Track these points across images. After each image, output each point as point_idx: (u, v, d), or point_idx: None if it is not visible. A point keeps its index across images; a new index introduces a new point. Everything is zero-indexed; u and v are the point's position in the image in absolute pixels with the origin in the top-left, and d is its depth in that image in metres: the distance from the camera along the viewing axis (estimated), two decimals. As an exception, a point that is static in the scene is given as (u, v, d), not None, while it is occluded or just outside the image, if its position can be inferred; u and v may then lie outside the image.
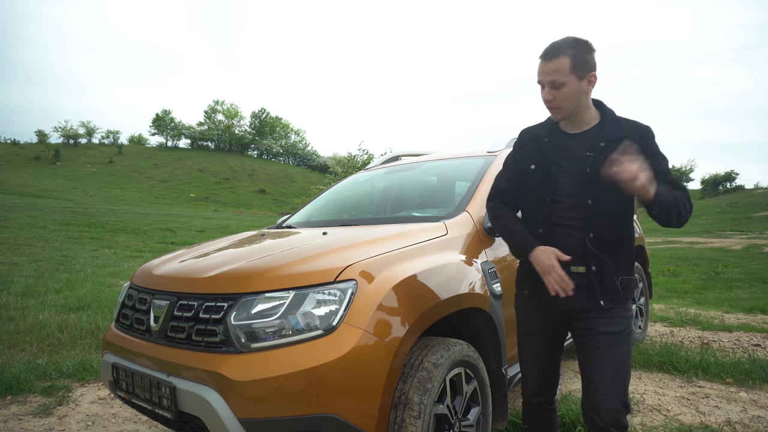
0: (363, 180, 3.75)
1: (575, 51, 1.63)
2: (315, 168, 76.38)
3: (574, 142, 1.75)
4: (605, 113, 1.75)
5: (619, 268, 1.71)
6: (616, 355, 1.68)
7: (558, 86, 1.65)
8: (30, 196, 31.07)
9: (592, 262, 1.69)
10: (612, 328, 1.70)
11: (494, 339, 2.26)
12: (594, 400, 1.68)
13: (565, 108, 1.69)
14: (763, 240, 20.73)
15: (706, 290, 8.49)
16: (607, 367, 1.67)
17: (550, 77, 1.65)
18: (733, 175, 61.76)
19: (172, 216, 24.26)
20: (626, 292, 1.72)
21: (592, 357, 1.71)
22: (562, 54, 1.63)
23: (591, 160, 1.68)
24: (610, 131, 1.69)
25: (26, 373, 3.45)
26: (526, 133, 1.91)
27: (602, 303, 1.69)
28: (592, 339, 1.72)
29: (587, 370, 1.73)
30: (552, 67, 1.64)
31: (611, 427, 1.64)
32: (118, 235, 14.55)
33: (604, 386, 1.66)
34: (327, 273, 1.76)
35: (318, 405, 1.57)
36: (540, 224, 1.79)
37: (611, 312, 1.71)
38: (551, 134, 1.80)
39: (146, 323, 1.97)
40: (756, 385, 3.24)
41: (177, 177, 57.52)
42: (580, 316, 1.75)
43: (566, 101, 1.67)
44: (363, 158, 19.43)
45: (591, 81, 1.67)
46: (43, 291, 6.32)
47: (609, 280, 1.69)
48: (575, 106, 1.69)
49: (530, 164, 1.81)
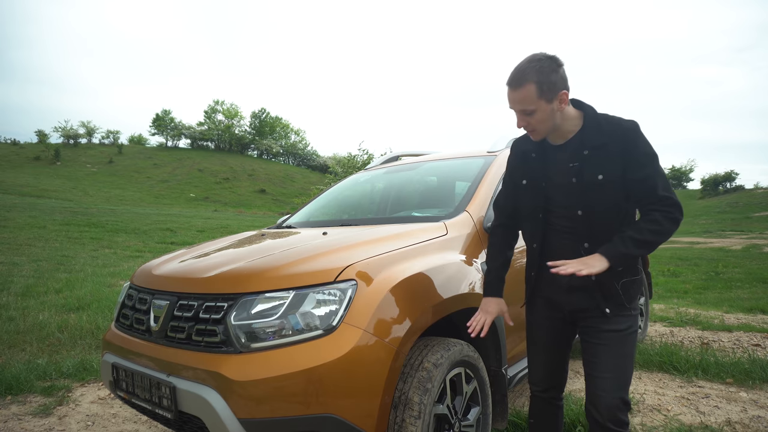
0: (363, 180, 3.75)
1: (539, 76, 1.59)
2: (315, 168, 76.38)
3: (560, 153, 1.75)
4: (587, 116, 1.71)
5: (620, 273, 1.69)
6: (618, 353, 1.69)
7: (529, 113, 1.64)
8: (30, 196, 31.07)
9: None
10: (616, 327, 1.70)
11: (494, 339, 2.26)
12: (594, 396, 1.70)
13: (542, 130, 1.69)
14: (763, 240, 20.73)
15: (706, 290, 8.49)
16: (609, 364, 1.69)
17: (519, 106, 1.65)
18: (733, 175, 61.72)
19: (172, 216, 24.26)
20: (629, 295, 1.72)
21: (595, 354, 1.73)
22: (527, 82, 1.60)
23: (576, 169, 1.68)
24: (593, 137, 1.67)
25: (26, 373, 3.45)
26: (516, 148, 1.92)
27: (608, 311, 1.70)
28: (595, 337, 1.73)
29: (589, 366, 1.75)
30: (519, 96, 1.62)
31: (609, 423, 1.66)
32: (118, 235, 14.55)
33: (604, 382, 1.68)
34: (327, 273, 1.76)
35: (318, 405, 1.57)
36: (537, 236, 1.82)
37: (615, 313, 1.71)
38: (538, 148, 1.81)
39: (146, 323, 1.97)
40: (756, 385, 3.24)
41: (177, 177, 57.52)
42: (584, 314, 1.76)
43: (541, 125, 1.67)
44: (363, 158, 19.42)
45: (563, 99, 1.63)
46: (43, 291, 6.32)
47: (609, 287, 1.69)
48: (551, 126, 1.69)
49: (522, 180, 1.84)
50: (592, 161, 1.65)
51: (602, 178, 1.63)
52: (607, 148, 1.64)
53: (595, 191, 1.65)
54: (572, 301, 1.76)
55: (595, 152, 1.65)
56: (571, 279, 1.72)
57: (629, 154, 1.62)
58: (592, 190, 1.65)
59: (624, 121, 1.67)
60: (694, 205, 51.34)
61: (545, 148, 1.80)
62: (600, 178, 1.63)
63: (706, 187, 62.15)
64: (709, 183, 61.94)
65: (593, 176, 1.64)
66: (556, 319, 1.86)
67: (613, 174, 1.63)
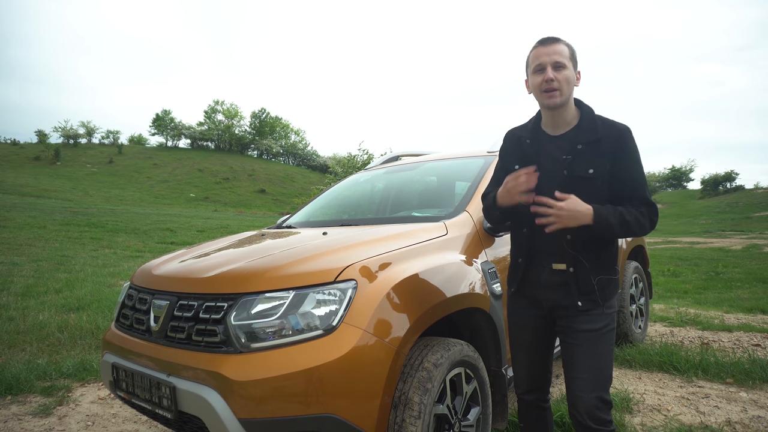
0: (363, 180, 3.75)
1: (569, 45, 1.73)
2: (315, 168, 76.33)
3: (554, 143, 1.78)
4: (584, 113, 1.77)
5: (597, 269, 1.72)
6: (594, 353, 1.71)
7: (559, 67, 1.69)
8: (30, 196, 31.06)
9: (570, 263, 1.72)
10: (590, 326, 1.72)
11: (494, 339, 2.26)
12: (573, 397, 1.73)
13: (565, 92, 1.70)
14: (763, 240, 20.72)
15: (706, 290, 8.49)
16: (585, 364, 1.71)
17: (554, 57, 1.69)
18: (733, 175, 61.72)
19: (172, 216, 24.25)
20: (604, 293, 1.73)
21: (572, 355, 1.75)
22: (561, 42, 1.72)
23: (568, 163, 1.71)
24: (588, 133, 1.71)
25: (26, 373, 3.45)
26: (510, 135, 1.94)
27: (579, 304, 1.71)
28: (571, 337, 1.75)
29: (567, 367, 1.77)
30: (553, 49, 1.70)
31: (590, 422, 1.68)
32: (118, 235, 14.54)
33: (581, 383, 1.70)
34: (327, 273, 1.76)
35: (318, 405, 1.57)
36: (524, 224, 1.83)
37: (590, 311, 1.72)
38: (533, 135, 1.83)
39: (146, 323, 1.97)
40: (756, 385, 3.24)
41: (177, 177, 57.51)
42: (561, 313, 1.77)
43: (566, 85, 1.70)
44: (363, 158, 19.42)
45: (578, 77, 1.75)
46: (43, 291, 6.32)
47: (586, 281, 1.71)
48: (569, 95, 1.73)
49: (514, 165, 1.85)
50: (584, 156, 1.70)
51: (592, 173, 1.68)
52: (600, 146, 1.69)
53: (584, 185, 1.69)
54: (550, 298, 1.78)
55: (589, 148, 1.70)
56: (550, 275, 1.76)
57: (620, 155, 1.68)
58: (580, 184, 1.69)
59: (618, 123, 1.74)
60: (694, 205, 51.37)
61: (540, 136, 1.83)
62: (590, 172, 1.68)
63: (706, 187, 62.14)
64: (709, 183, 61.94)
65: (584, 171, 1.69)
66: (539, 318, 1.86)
67: (603, 170, 1.68)
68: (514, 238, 1.93)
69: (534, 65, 1.72)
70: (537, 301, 1.83)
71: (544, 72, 1.69)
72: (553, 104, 1.71)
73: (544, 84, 1.69)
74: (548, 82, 1.68)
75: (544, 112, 1.81)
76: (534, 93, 1.76)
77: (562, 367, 1.81)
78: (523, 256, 1.85)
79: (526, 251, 1.84)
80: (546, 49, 1.70)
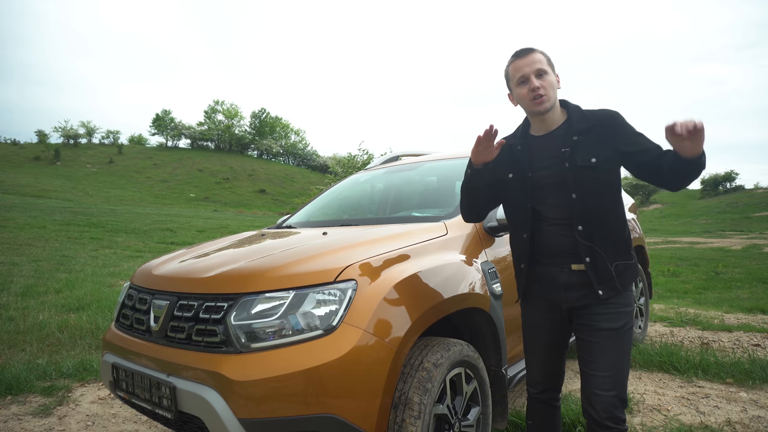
0: (363, 180, 3.75)
1: (543, 53, 1.77)
2: (315, 168, 76.37)
3: (545, 142, 1.80)
4: (570, 110, 1.81)
5: (613, 256, 1.72)
6: (613, 351, 1.71)
7: (542, 74, 1.73)
8: (30, 196, 31.07)
9: (585, 255, 1.71)
10: (611, 324, 1.71)
11: (494, 339, 2.26)
12: (590, 395, 1.72)
13: (551, 96, 1.75)
14: (763, 240, 20.72)
15: (706, 290, 8.48)
16: (605, 362, 1.70)
17: (534, 66, 1.73)
18: (733, 175, 61.78)
19: (172, 216, 24.26)
20: (622, 278, 1.73)
21: (591, 353, 1.74)
22: (537, 51, 1.76)
23: (568, 155, 1.72)
24: (579, 125, 1.74)
25: (26, 373, 3.45)
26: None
27: (600, 293, 1.70)
28: (591, 335, 1.74)
29: (585, 365, 1.76)
30: (531, 59, 1.74)
31: (606, 420, 1.67)
32: (118, 235, 14.55)
33: (600, 381, 1.70)
34: (327, 273, 1.76)
35: (318, 405, 1.57)
36: (526, 228, 1.83)
37: (611, 306, 1.72)
38: (523, 141, 1.86)
39: (146, 323, 1.97)
40: (756, 385, 3.24)
41: (177, 177, 57.53)
42: (581, 312, 1.77)
43: (551, 90, 1.74)
44: (363, 158, 19.40)
45: (558, 79, 1.79)
46: (43, 291, 6.32)
47: (603, 269, 1.71)
48: (555, 99, 1.77)
49: (507, 174, 1.86)
50: (583, 145, 1.71)
51: (595, 161, 1.69)
52: (596, 132, 1.71)
53: (589, 175, 1.69)
54: (570, 299, 1.77)
55: (584, 137, 1.72)
56: (569, 276, 1.75)
57: (619, 133, 1.70)
58: (585, 174, 1.70)
59: (606, 109, 1.78)
60: (694, 205, 51.35)
61: (529, 139, 1.85)
62: (593, 161, 1.69)
63: (706, 187, 62.16)
64: (709, 183, 61.96)
65: (587, 159, 1.70)
66: (555, 320, 1.86)
67: (605, 156, 1.69)
68: (515, 245, 1.93)
69: (517, 78, 1.76)
70: (555, 303, 1.82)
71: (529, 82, 1.73)
72: (543, 110, 1.75)
73: (531, 93, 1.73)
74: (535, 90, 1.72)
75: (533, 119, 1.83)
76: (521, 104, 1.80)
77: (579, 364, 1.81)
78: (525, 262, 1.85)
79: (527, 256, 1.84)
80: (525, 60, 1.75)
